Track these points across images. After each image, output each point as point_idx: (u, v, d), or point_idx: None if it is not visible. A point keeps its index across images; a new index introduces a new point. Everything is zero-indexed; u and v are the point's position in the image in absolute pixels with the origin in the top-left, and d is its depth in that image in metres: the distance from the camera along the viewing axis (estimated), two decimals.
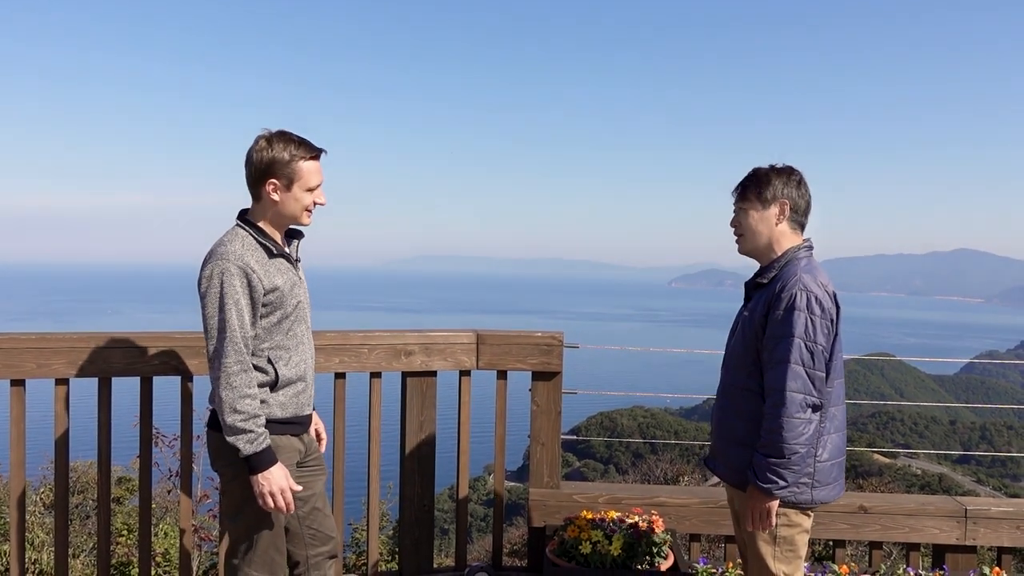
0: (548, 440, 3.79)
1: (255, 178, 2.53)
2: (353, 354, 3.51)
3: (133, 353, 3.18)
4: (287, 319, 2.59)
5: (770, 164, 2.69)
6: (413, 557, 3.69)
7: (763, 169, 2.67)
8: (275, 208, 2.55)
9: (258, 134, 2.53)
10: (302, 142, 2.54)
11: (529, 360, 3.70)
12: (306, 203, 2.57)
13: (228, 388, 2.43)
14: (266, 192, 2.53)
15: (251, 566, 2.61)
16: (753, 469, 2.51)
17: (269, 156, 2.49)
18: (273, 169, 2.50)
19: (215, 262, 2.46)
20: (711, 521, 3.77)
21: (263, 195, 2.54)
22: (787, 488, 2.48)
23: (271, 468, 2.48)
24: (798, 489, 2.52)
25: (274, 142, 2.50)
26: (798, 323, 2.44)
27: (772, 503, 2.52)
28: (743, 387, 2.61)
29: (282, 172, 2.51)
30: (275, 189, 2.52)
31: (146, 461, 3.36)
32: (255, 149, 2.51)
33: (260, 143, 2.51)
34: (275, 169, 2.50)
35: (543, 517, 3.76)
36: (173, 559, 4.82)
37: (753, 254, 2.70)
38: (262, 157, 2.50)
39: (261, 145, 2.51)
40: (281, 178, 2.51)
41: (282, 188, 2.52)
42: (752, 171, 2.69)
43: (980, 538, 3.74)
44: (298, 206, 2.56)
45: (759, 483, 2.49)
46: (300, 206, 2.56)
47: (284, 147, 2.50)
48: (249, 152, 2.53)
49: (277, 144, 2.50)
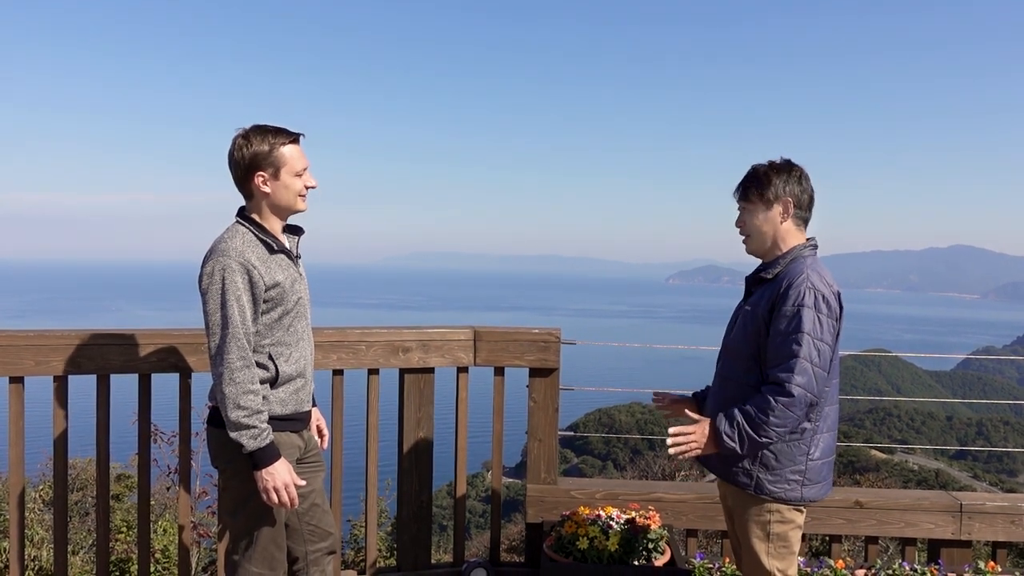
0: (545, 436, 3.80)
1: (241, 175, 2.55)
2: (351, 351, 3.52)
3: (131, 350, 3.19)
4: (288, 315, 2.60)
5: (769, 161, 2.66)
6: (411, 553, 3.70)
7: (762, 167, 2.64)
8: (268, 200, 2.57)
9: (234, 134, 2.55)
10: (278, 130, 2.56)
11: (526, 356, 3.71)
12: (297, 188, 2.59)
13: (231, 384, 2.44)
14: (256, 186, 2.54)
15: (251, 562, 2.62)
16: (726, 417, 2.49)
17: (250, 151, 2.51)
18: (257, 162, 2.52)
19: (216, 259, 2.47)
20: (708, 517, 3.79)
21: (253, 190, 2.56)
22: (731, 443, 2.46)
23: (275, 463, 2.49)
24: (788, 486, 2.53)
25: (251, 136, 2.52)
26: (807, 320, 2.44)
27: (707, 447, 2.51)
28: (740, 381, 2.61)
29: (266, 162, 2.53)
30: (264, 181, 2.54)
31: (145, 458, 3.37)
32: (234, 148, 2.53)
33: (237, 141, 2.53)
34: (259, 161, 2.52)
35: (540, 513, 3.77)
36: (172, 555, 4.83)
37: (760, 254, 2.70)
38: (243, 154, 2.51)
39: (239, 143, 2.52)
40: (267, 168, 2.53)
41: (270, 178, 2.54)
42: (752, 170, 2.66)
43: (975, 533, 3.76)
44: (290, 193, 2.58)
45: (721, 430, 2.47)
46: (292, 192, 2.58)
47: (262, 138, 2.52)
48: (230, 152, 2.54)
49: (254, 137, 2.52)
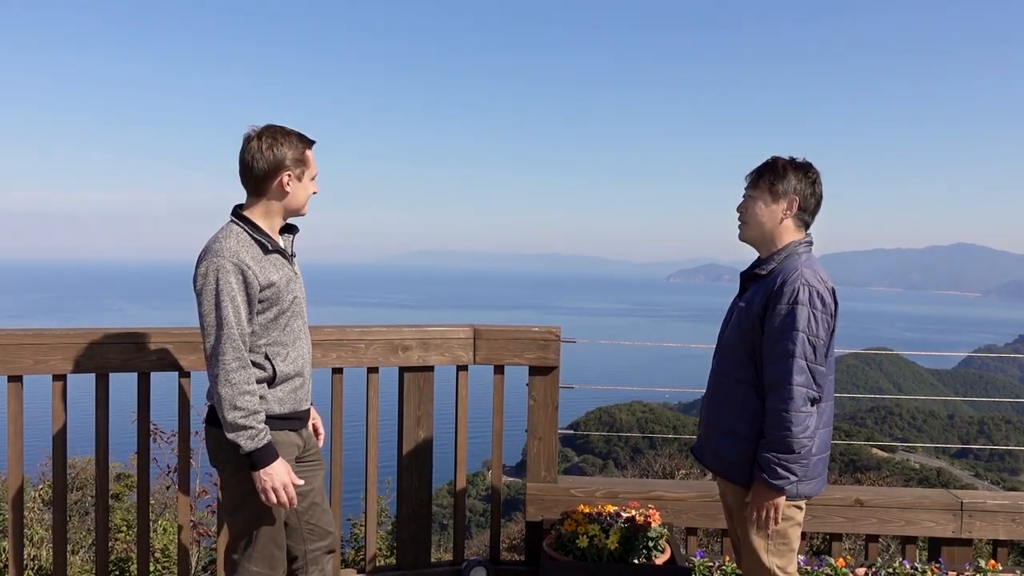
0: (545, 435, 3.79)
1: (264, 175, 2.52)
2: (350, 349, 3.52)
3: (130, 349, 3.19)
4: (284, 315, 2.59)
5: (790, 156, 2.64)
6: (411, 552, 3.70)
7: (782, 160, 2.62)
8: (286, 200, 2.58)
9: (245, 133, 2.54)
10: (300, 134, 2.59)
11: (526, 355, 3.71)
12: (311, 192, 2.64)
13: (227, 385, 2.43)
14: (279, 185, 2.54)
15: (251, 561, 2.62)
16: (760, 467, 2.47)
17: (281, 151, 2.52)
18: (287, 162, 2.53)
19: (210, 259, 2.46)
20: (708, 515, 3.78)
21: (271, 189, 2.54)
22: (797, 483, 2.44)
23: (273, 464, 2.48)
24: (802, 480, 2.51)
25: (278, 137, 2.52)
26: (801, 317, 2.43)
27: (780, 500, 2.48)
28: (735, 377, 2.61)
29: (296, 163, 2.55)
30: (288, 182, 2.55)
31: (144, 457, 3.37)
32: (258, 148, 2.50)
33: (263, 141, 2.51)
34: (288, 162, 2.53)
35: (540, 511, 3.77)
36: (172, 555, 4.83)
37: (753, 243, 2.69)
38: (273, 153, 2.51)
39: (265, 143, 2.51)
40: (296, 169, 2.55)
41: (295, 179, 2.56)
42: (771, 159, 2.64)
43: (976, 531, 3.75)
44: (306, 195, 2.63)
45: (769, 480, 2.45)
46: (307, 195, 2.63)
47: (289, 140, 2.54)
48: (250, 152, 2.51)
49: (281, 138, 2.53)
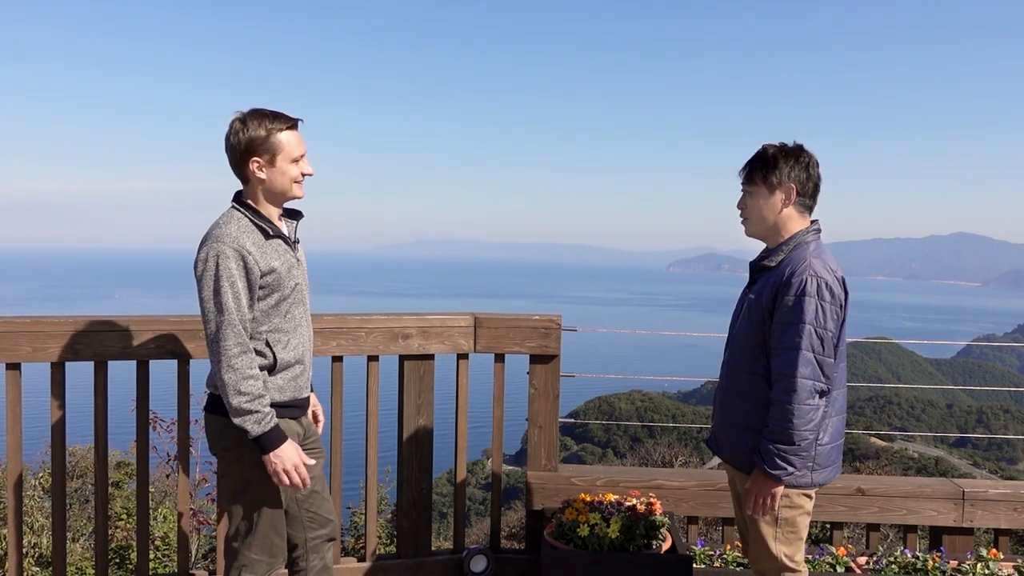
0: (546, 423, 3.78)
1: (237, 160, 2.51)
2: (350, 337, 3.50)
3: (129, 336, 3.17)
4: (285, 301, 2.57)
5: (780, 143, 2.62)
6: (411, 540, 3.69)
7: (772, 150, 2.60)
8: (264, 186, 2.54)
9: (232, 117, 2.51)
10: (276, 115, 2.52)
11: (527, 343, 3.69)
12: (293, 175, 2.55)
13: (230, 370, 2.41)
14: (251, 171, 2.51)
15: (251, 549, 2.61)
16: (761, 455, 2.49)
17: (247, 136, 2.48)
18: (253, 147, 2.48)
19: (211, 245, 2.44)
20: (709, 504, 3.78)
21: (249, 175, 2.53)
22: (795, 474, 2.47)
23: (282, 446, 2.48)
24: (799, 472, 2.52)
25: (248, 121, 2.49)
26: (809, 309, 2.42)
27: (778, 489, 2.51)
28: (748, 370, 2.60)
29: (263, 148, 2.49)
30: (259, 167, 2.51)
31: (144, 445, 3.36)
32: (231, 132, 2.49)
33: (235, 125, 2.49)
34: (255, 146, 2.48)
35: (541, 500, 3.76)
36: (172, 543, 4.84)
37: (759, 237, 2.68)
38: (239, 138, 2.48)
39: (236, 127, 2.49)
40: (263, 154, 2.50)
41: (266, 164, 2.51)
42: (760, 150, 2.63)
43: (977, 520, 3.75)
44: (286, 179, 2.54)
45: (768, 469, 2.47)
46: (288, 179, 2.55)
47: (259, 123, 2.48)
48: (226, 136, 2.51)
49: (252, 122, 2.48)
